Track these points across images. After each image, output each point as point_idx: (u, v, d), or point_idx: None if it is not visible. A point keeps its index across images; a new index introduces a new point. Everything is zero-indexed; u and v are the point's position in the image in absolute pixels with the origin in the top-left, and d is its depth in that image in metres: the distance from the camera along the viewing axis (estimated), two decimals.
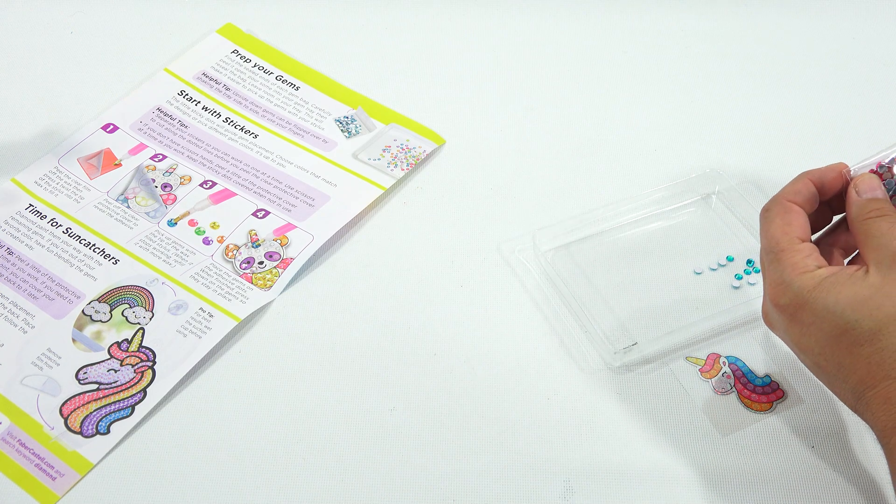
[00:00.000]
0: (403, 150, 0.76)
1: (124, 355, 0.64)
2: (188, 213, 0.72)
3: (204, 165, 0.75)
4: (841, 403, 0.60)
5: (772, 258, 0.54)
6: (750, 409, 0.60)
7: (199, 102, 0.80)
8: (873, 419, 0.51)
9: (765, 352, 0.63)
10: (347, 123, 0.78)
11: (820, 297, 0.52)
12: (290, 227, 0.71)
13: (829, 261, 0.56)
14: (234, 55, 0.84)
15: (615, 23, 0.86)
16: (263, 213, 0.72)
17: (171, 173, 0.75)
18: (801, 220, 0.55)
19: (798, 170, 0.73)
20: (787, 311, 0.53)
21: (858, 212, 0.55)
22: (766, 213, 0.56)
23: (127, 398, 0.62)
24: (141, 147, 0.77)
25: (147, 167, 0.75)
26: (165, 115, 0.79)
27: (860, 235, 0.54)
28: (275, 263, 0.69)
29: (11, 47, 0.85)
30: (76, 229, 0.71)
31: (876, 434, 0.52)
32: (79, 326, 0.66)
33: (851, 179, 0.56)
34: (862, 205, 0.55)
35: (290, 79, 0.82)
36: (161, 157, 0.76)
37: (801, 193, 0.56)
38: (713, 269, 0.67)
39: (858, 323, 0.50)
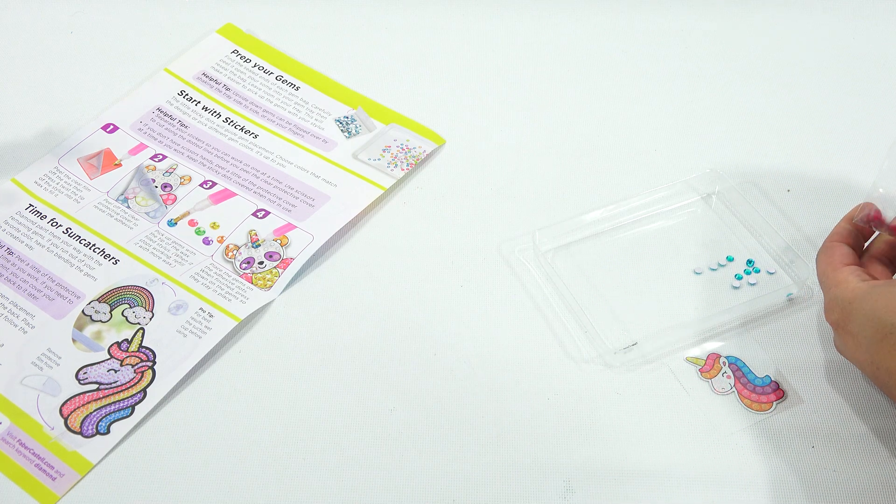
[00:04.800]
0: (403, 150, 0.76)
1: (124, 355, 0.64)
2: (188, 213, 0.72)
3: (204, 165, 0.75)
4: (840, 403, 0.60)
5: (822, 287, 0.60)
6: (750, 409, 0.60)
7: (199, 102, 0.80)
8: None
9: (765, 352, 0.63)
10: (347, 123, 0.78)
11: (860, 305, 0.56)
12: (290, 227, 0.71)
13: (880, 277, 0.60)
14: (234, 55, 0.84)
15: (615, 23, 0.86)
16: (263, 213, 0.72)
17: (171, 173, 0.75)
18: (841, 251, 0.60)
19: (798, 169, 0.74)
20: (838, 326, 0.58)
21: None
22: (817, 258, 0.62)
23: (127, 398, 0.62)
24: (141, 147, 0.77)
25: (147, 167, 0.75)
26: (165, 115, 0.79)
27: None
28: (275, 263, 0.69)
29: (11, 47, 0.85)
30: (76, 229, 0.71)
31: None
32: (79, 326, 0.66)
33: None
34: None
35: (290, 79, 0.82)
36: (161, 157, 0.76)
37: (841, 233, 0.62)
38: (713, 269, 0.67)
39: (895, 326, 0.53)
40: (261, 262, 0.69)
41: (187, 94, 0.81)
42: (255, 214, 0.72)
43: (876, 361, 0.55)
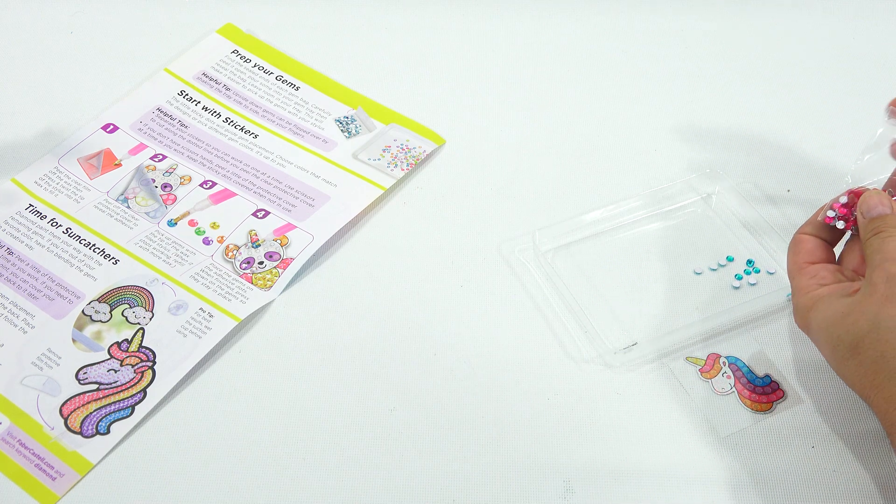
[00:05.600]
0: (403, 150, 0.76)
1: (124, 355, 0.64)
2: (188, 213, 0.72)
3: (204, 165, 0.75)
4: (840, 403, 0.60)
5: (791, 287, 0.59)
6: (750, 409, 0.60)
7: (199, 102, 0.80)
8: (883, 420, 0.53)
9: (765, 352, 0.63)
10: (347, 123, 0.78)
11: (814, 316, 0.55)
12: (290, 227, 0.71)
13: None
14: (234, 55, 0.84)
15: (615, 23, 0.86)
16: (263, 213, 0.72)
17: (171, 173, 0.75)
18: (808, 246, 0.59)
19: (798, 169, 0.74)
20: (804, 330, 0.57)
21: (863, 234, 0.57)
22: (788, 251, 0.60)
23: (127, 398, 0.62)
24: (141, 147, 0.77)
25: (147, 167, 0.75)
26: (165, 115, 0.79)
27: (864, 256, 0.56)
28: (275, 263, 0.69)
29: (11, 47, 0.85)
30: (76, 229, 0.71)
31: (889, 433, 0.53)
32: (79, 326, 0.66)
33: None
34: (864, 225, 0.57)
35: (290, 79, 0.82)
36: (161, 157, 0.76)
37: (811, 224, 0.60)
38: (713, 269, 0.67)
39: (840, 339, 0.53)
40: (261, 262, 0.69)
41: (187, 94, 0.81)
42: (255, 214, 0.72)
43: (834, 366, 0.55)
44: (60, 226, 0.71)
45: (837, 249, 0.61)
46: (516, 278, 0.68)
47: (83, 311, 0.66)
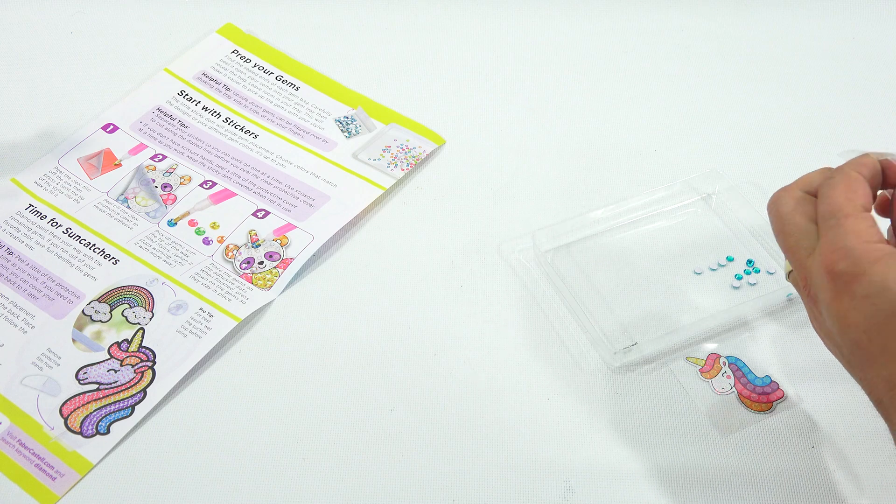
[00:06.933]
0: (403, 150, 0.76)
1: (124, 355, 0.64)
2: (188, 213, 0.72)
3: (204, 165, 0.75)
4: (840, 404, 0.60)
5: (832, 224, 0.50)
6: (750, 409, 0.60)
7: (199, 102, 0.80)
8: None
9: (765, 352, 0.63)
10: (347, 123, 0.78)
11: (880, 271, 0.48)
12: (290, 227, 0.71)
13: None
14: (234, 55, 0.84)
15: (615, 23, 0.86)
16: (263, 213, 0.72)
17: (171, 173, 0.75)
18: (865, 190, 0.52)
19: (798, 169, 0.73)
20: (840, 279, 0.49)
21: None
22: (829, 180, 0.52)
23: (127, 398, 0.62)
24: (141, 147, 0.77)
25: (147, 167, 0.75)
26: (165, 115, 0.79)
27: None
28: (275, 263, 0.69)
29: (11, 47, 0.85)
30: (76, 229, 0.71)
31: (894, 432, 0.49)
32: (79, 326, 0.66)
33: None
34: None
35: (290, 79, 0.82)
36: (161, 157, 0.76)
37: (866, 166, 0.53)
38: (713, 269, 0.67)
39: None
40: (261, 262, 0.69)
41: (187, 94, 0.81)
42: (255, 214, 0.72)
43: (872, 332, 0.48)
44: (60, 226, 0.71)
45: None
46: (516, 278, 0.68)
47: (83, 311, 0.66)
